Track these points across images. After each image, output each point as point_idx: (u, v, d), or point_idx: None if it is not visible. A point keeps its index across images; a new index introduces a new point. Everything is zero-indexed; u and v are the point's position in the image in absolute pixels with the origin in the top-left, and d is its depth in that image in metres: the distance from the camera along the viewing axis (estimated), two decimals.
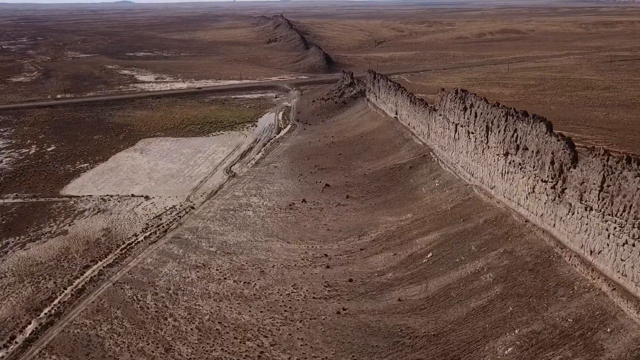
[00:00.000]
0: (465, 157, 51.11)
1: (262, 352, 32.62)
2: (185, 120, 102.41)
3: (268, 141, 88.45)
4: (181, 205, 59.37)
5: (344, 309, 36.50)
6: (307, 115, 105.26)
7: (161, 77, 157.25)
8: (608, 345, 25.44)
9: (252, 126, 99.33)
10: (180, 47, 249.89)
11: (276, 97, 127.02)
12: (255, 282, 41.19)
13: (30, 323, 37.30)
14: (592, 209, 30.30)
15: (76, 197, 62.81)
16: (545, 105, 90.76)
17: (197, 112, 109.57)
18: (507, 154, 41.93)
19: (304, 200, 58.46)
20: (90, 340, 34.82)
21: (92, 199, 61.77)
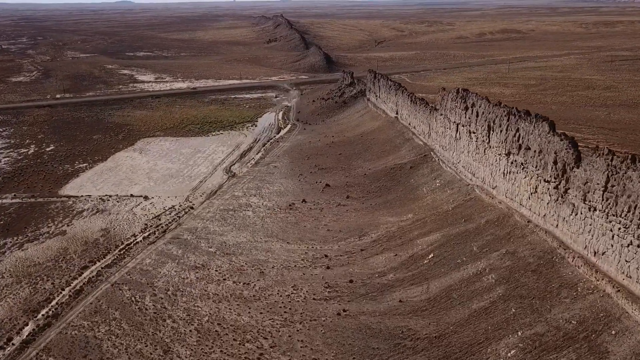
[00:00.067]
0: (466, 156, 50.74)
1: (262, 354, 32.25)
2: (184, 120, 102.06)
3: (268, 141, 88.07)
4: (180, 206, 59.00)
5: (344, 310, 36.13)
6: (307, 115, 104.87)
7: (161, 77, 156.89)
8: (613, 347, 25.07)
9: (251, 126, 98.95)
10: (180, 47, 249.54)
11: (276, 96, 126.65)
12: (255, 283, 40.82)
13: (27, 324, 36.93)
14: (595, 210, 29.93)
15: (75, 197, 62.43)
16: (546, 105, 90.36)
17: (197, 112, 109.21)
18: (509, 153, 41.55)
19: (304, 201, 58.09)
20: (88, 342, 34.45)
21: (90, 199, 61.40)
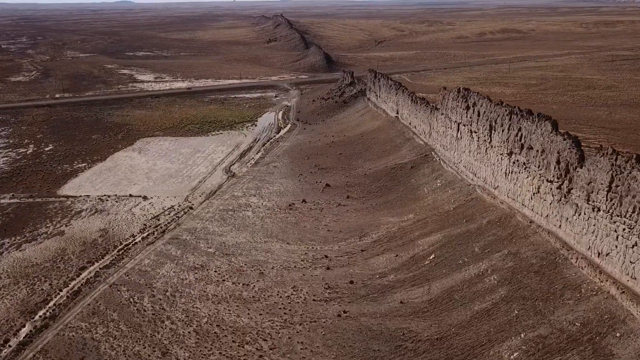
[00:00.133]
0: (467, 156, 50.35)
1: (261, 356, 31.86)
2: (184, 120, 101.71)
3: (268, 141, 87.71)
4: (179, 206, 58.63)
5: (344, 311, 35.74)
6: (307, 114, 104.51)
7: (160, 77, 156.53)
8: (617, 350, 24.68)
9: (251, 126, 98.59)
10: (180, 46, 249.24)
11: (276, 96, 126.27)
12: (254, 284, 40.43)
13: (24, 326, 36.51)
14: (599, 210, 29.54)
15: (73, 197, 62.04)
16: (547, 104, 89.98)
17: (197, 112, 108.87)
18: (511, 153, 41.17)
19: (303, 201, 57.71)
20: (85, 343, 34.06)
21: (89, 199, 61.01)
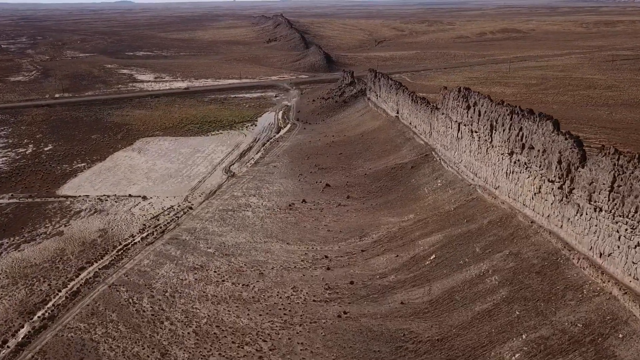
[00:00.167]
0: (468, 156, 50.16)
1: (261, 357, 31.64)
2: (184, 120, 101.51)
3: (267, 140, 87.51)
4: (179, 206, 58.43)
5: (345, 312, 35.54)
6: (307, 114, 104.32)
7: (160, 77, 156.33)
8: (620, 352, 24.47)
9: (251, 125, 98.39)
10: (179, 46, 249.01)
11: (276, 96, 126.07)
12: (254, 285, 40.22)
13: (23, 327, 36.28)
14: (601, 210, 29.33)
15: (72, 197, 61.84)
16: (547, 104, 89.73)
17: (196, 112, 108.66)
18: (512, 153, 40.97)
19: (303, 201, 57.51)
20: (84, 344, 33.84)
21: (88, 199, 60.81)
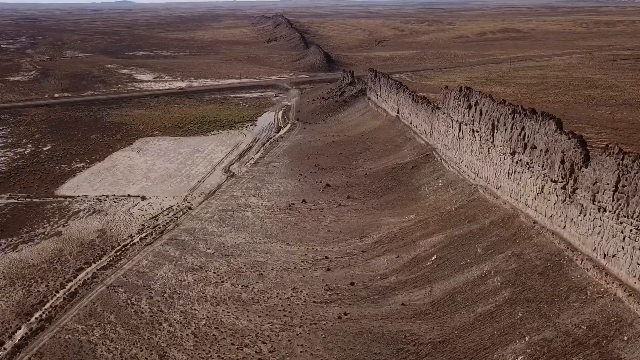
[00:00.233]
0: (469, 156, 49.78)
1: (261, 359, 31.29)
2: (183, 120, 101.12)
3: (267, 140, 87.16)
4: (178, 206, 58.05)
5: (345, 313, 35.17)
6: (307, 114, 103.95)
7: (160, 76, 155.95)
8: (625, 354, 24.09)
9: (251, 125, 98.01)
10: (179, 46, 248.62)
11: (276, 96, 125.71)
12: (254, 286, 39.85)
13: (20, 328, 35.90)
14: (605, 210, 28.96)
15: (71, 197, 61.46)
16: (548, 104, 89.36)
17: (196, 111, 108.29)
18: (514, 152, 40.60)
19: (303, 201, 57.14)
20: (81, 346, 33.47)
21: (87, 200, 60.44)
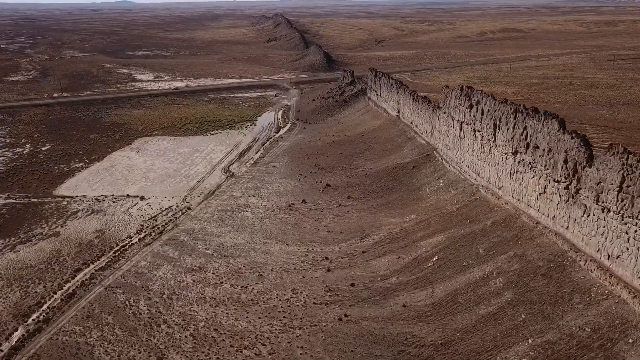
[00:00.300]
0: (471, 156, 49.39)
1: None
2: (183, 119, 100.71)
3: (267, 140, 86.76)
4: (177, 206, 57.66)
5: (345, 315, 34.79)
6: (307, 114, 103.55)
7: (160, 76, 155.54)
8: (630, 357, 23.70)
9: (251, 125, 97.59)
10: (179, 46, 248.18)
11: (276, 95, 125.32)
12: (253, 287, 39.46)
13: (17, 330, 35.55)
14: (609, 211, 28.56)
15: (70, 197, 61.06)
16: (549, 103, 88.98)
17: (196, 111, 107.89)
18: (516, 152, 40.20)
19: (303, 201, 56.75)
20: (79, 348, 33.10)
21: (86, 200, 60.03)
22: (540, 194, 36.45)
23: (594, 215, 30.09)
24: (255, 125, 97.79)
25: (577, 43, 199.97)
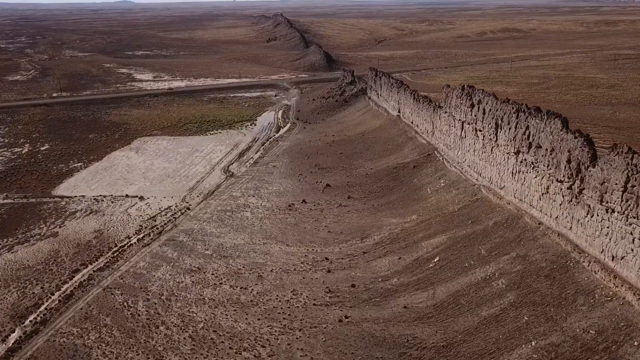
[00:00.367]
0: (472, 155, 49.00)
1: None
2: (182, 119, 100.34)
3: (267, 140, 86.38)
4: (176, 206, 57.29)
5: (346, 316, 34.41)
6: (307, 113, 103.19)
7: (159, 76, 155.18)
8: None
9: (251, 125, 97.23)
10: (179, 46, 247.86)
11: (276, 95, 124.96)
12: (253, 288, 39.09)
13: (14, 331, 35.19)
14: (614, 211, 28.18)
15: (68, 197, 60.69)
16: (550, 103, 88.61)
17: (195, 111, 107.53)
18: (518, 152, 39.81)
19: (303, 201, 56.38)
20: (76, 350, 32.73)
21: (84, 200, 59.67)
22: (542, 194, 36.07)
23: (597, 215, 29.70)
24: (255, 125, 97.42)
25: (577, 43, 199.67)
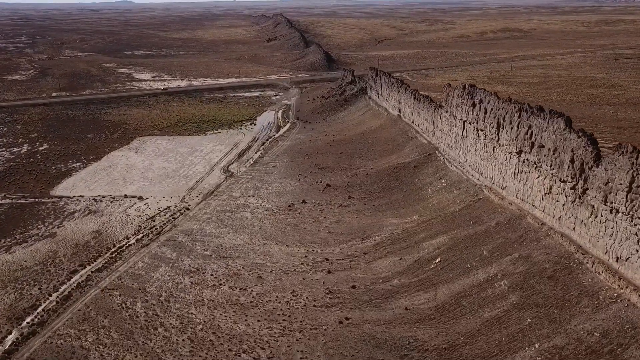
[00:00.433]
0: (473, 155, 48.61)
1: None
2: (182, 119, 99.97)
3: (267, 140, 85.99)
4: (176, 206, 56.89)
5: (346, 318, 34.03)
6: (307, 113, 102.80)
7: (159, 76, 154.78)
8: None
9: (250, 125, 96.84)
10: (179, 45, 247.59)
11: (275, 95, 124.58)
12: (252, 289, 38.71)
13: (11, 333, 34.84)
14: (618, 212, 27.80)
15: (67, 197, 60.31)
16: (551, 103, 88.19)
17: (195, 111, 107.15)
18: (520, 152, 39.43)
19: (303, 201, 55.99)
20: (74, 352, 32.37)
21: (83, 200, 59.28)
22: (545, 194, 35.68)
23: (601, 216, 29.33)
24: (254, 124, 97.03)
25: (578, 42, 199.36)
